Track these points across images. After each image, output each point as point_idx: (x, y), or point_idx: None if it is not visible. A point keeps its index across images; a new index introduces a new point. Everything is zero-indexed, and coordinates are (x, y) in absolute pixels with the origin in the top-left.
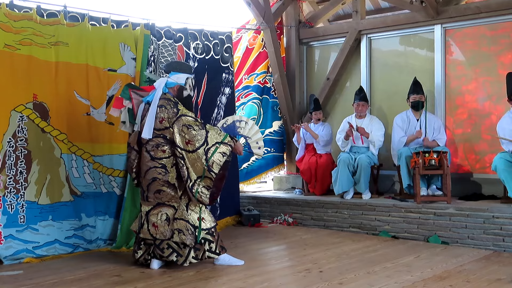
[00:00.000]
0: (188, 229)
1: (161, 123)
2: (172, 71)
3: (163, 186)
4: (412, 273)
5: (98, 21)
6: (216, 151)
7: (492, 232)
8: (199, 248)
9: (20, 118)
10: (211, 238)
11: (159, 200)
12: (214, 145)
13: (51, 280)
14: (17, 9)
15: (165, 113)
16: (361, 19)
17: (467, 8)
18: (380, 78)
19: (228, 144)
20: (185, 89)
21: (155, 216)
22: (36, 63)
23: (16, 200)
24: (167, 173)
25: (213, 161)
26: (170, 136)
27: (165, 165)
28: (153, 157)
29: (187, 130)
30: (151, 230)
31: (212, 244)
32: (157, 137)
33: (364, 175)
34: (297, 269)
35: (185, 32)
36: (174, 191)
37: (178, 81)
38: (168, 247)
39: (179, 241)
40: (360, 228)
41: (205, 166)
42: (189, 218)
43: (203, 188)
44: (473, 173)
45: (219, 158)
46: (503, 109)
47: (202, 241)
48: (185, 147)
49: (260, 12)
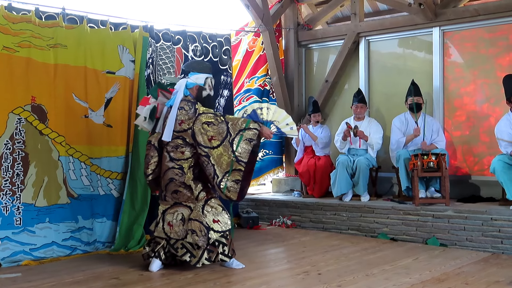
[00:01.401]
0: (202, 230)
1: (180, 125)
2: (191, 72)
3: (180, 187)
4: (410, 276)
5: (96, 24)
6: (242, 140)
7: (491, 234)
8: (213, 250)
9: (18, 120)
10: (225, 241)
11: (176, 200)
12: (237, 134)
13: (50, 282)
14: (15, 11)
15: (184, 115)
16: (359, 21)
17: (465, 11)
18: (378, 80)
19: (252, 129)
20: (204, 89)
21: (171, 216)
22: (34, 65)
23: (12, 202)
24: (184, 174)
25: (241, 151)
26: (189, 139)
27: (183, 167)
28: (172, 158)
29: (208, 127)
30: (166, 229)
31: (225, 247)
32: (176, 139)
33: (363, 177)
34: (296, 271)
35: (184, 35)
36: (190, 192)
37: (197, 81)
38: (182, 247)
39: (192, 242)
40: (358, 230)
41: (233, 157)
42: (204, 220)
43: (232, 183)
44: (472, 175)
45: (245, 146)
46: (502, 111)
47: (216, 243)
48: (209, 144)
49: (259, 15)
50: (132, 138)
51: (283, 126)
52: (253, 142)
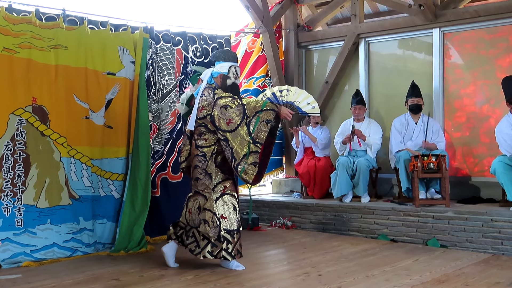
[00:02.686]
0: (214, 221)
1: (201, 111)
2: (217, 61)
3: (201, 174)
4: (411, 277)
5: (97, 25)
6: (259, 121)
7: (491, 236)
8: (217, 245)
9: (19, 121)
10: (230, 239)
11: (195, 188)
12: (254, 115)
13: (50, 284)
14: (16, 12)
15: (204, 101)
16: (359, 22)
17: (465, 12)
18: (378, 82)
19: (269, 110)
20: (229, 78)
21: (191, 203)
22: (35, 67)
23: (13, 203)
24: (206, 161)
25: (258, 132)
26: (210, 126)
27: (205, 154)
28: (197, 145)
29: (226, 110)
30: (187, 215)
31: (230, 245)
32: (199, 126)
33: (363, 179)
34: (296, 272)
35: (184, 36)
36: (209, 181)
37: (221, 70)
38: (193, 236)
39: (203, 232)
40: (359, 231)
41: (249, 139)
42: (217, 211)
43: (251, 165)
44: (472, 176)
45: (263, 128)
46: (502, 112)
47: (222, 238)
48: (227, 127)
49: (259, 16)
50: (132, 139)
51: (304, 105)
52: (270, 124)
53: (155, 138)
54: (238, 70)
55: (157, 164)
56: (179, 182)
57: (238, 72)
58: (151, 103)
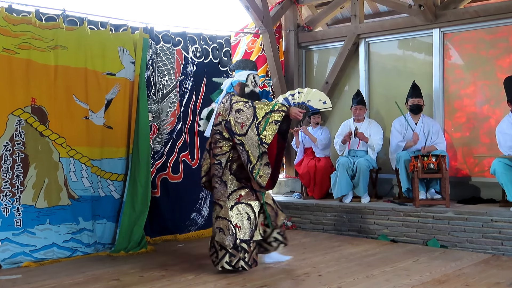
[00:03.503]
0: (230, 229)
1: (217, 118)
2: (236, 70)
3: (217, 183)
4: (411, 277)
5: (96, 25)
6: (268, 122)
7: (491, 236)
8: (235, 254)
9: (18, 121)
10: (246, 248)
11: (213, 198)
12: (264, 117)
13: (50, 284)
14: (15, 13)
15: (221, 107)
16: (359, 23)
17: (465, 12)
18: (378, 82)
19: (279, 111)
20: (247, 86)
21: (213, 214)
22: (35, 67)
23: (12, 203)
24: (222, 169)
25: (266, 133)
26: (225, 133)
27: (221, 162)
28: (213, 155)
29: (239, 114)
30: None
31: (246, 255)
32: (215, 134)
33: (363, 179)
34: (296, 273)
35: (184, 36)
36: (224, 189)
37: (240, 78)
38: (213, 246)
39: (219, 241)
40: (359, 231)
41: (258, 140)
42: (232, 220)
43: (264, 167)
44: (472, 176)
45: (272, 129)
46: (502, 113)
47: (239, 248)
48: (241, 131)
49: (259, 16)
50: (132, 140)
51: (316, 103)
52: (279, 124)
53: (155, 138)
54: (256, 78)
55: (157, 165)
56: (179, 183)
57: (256, 80)
58: (151, 103)
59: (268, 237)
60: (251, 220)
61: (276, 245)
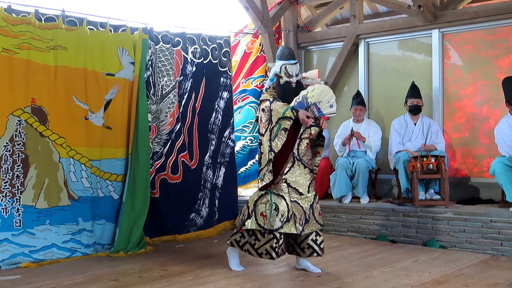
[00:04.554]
0: (244, 214)
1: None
2: (276, 59)
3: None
4: (410, 277)
5: (96, 26)
6: (279, 129)
7: (490, 236)
8: (245, 236)
9: (18, 122)
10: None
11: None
12: (277, 122)
13: (49, 284)
14: (15, 13)
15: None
16: (359, 23)
17: (464, 13)
18: (378, 82)
19: (287, 118)
20: (281, 77)
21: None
22: (34, 67)
23: (12, 204)
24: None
25: (276, 139)
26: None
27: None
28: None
29: (263, 114)
30: None
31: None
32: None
33: (362, 179)
34: (295, 273)
35: (183, 37)
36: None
37: (276, 69)
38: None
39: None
40: (358, 232)
41: (268, 146)
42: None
43: (269, 173)
44: (471, 177)
45: (281, 136)
46: (501, 113)
47: (250, 232)
48: (262, 131)
49: (258, 17)
50: (131, 140)
51: (324, 106)
52: (287, 132)
53: (154, 139)
54: (289, 69)
55: (156, 165)
56: (178, 183)
57: (289, 71)
58: (150, 104)
59: (302, 242)
60: (278, 211)
61: (308, 252)
